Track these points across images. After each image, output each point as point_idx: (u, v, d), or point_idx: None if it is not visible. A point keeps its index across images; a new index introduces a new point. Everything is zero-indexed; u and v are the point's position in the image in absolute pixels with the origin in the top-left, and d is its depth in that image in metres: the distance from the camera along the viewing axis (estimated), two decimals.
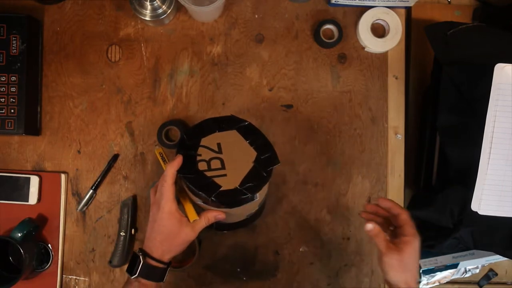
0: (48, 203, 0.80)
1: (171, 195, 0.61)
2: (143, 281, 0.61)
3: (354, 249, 0.82)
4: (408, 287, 0.61)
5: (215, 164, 0.64)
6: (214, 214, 0.64)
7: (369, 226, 0.63)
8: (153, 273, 0.62)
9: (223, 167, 0.63)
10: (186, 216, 0.64)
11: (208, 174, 0.63)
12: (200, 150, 0.64)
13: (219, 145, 0.65)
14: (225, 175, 0.63)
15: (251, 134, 0.66)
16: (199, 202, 0.65)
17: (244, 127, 0.66)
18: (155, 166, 0.82)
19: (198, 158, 0.64)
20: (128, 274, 0.62)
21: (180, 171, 0.62)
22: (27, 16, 0.78)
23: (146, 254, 0.62)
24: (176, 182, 0.63)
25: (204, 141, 0.65)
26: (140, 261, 0.61)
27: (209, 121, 0.66)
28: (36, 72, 0.81)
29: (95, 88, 0.82)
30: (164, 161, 0.69)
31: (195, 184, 0.62)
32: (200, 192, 0.61)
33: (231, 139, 0.65)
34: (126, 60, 0.83)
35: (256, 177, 0.63)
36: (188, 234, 0.63)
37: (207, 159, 0.64)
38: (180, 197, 0.65)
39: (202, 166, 0.63)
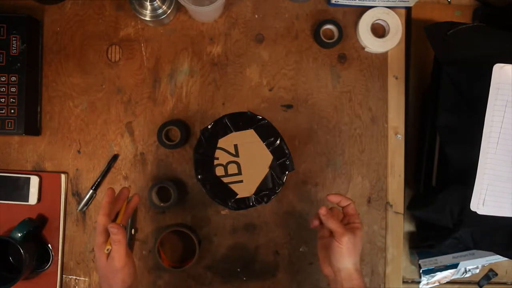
0: (48, 203, 0.80)
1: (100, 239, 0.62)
2: None
3: None
4: (357, 269, 0.62)
5: (232, 169, 0.64)
6: (116, 238, 0.60)
7: (324, 209, 0.63)
8: None
9: (239, 172, 0.64)
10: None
11: (225, 180, 0.64)
12: (218, 153, 0.65)
13: (236, 146, 0.65)
14: (241, 181, 0.64)
15: (269, 133, 0.66)
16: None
17: (261, 126, 0.66)
18: (155, 166, 0.82)
19: (216, 162, 0.64)
20: None
21: (198, 177, 0.63)
22: (27, 16, 0.78)
23: None
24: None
25: (221, 142, 0.65)
26: None
27: (226, 119, 0.66)
28: (36, 72, 0.81)
29: (95, 88, 0.82)
30: None
31: (212, 191, 0.63)
32: (216, 200, 0.63)
33: (248, 140, 0.65)
34: (126, 60, 0.83)
35: (271, 184, 0.64)
36: (112, 265, 0.61)
37: (224, 163, 0.64)
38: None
39: (219, 171, 0.64)
